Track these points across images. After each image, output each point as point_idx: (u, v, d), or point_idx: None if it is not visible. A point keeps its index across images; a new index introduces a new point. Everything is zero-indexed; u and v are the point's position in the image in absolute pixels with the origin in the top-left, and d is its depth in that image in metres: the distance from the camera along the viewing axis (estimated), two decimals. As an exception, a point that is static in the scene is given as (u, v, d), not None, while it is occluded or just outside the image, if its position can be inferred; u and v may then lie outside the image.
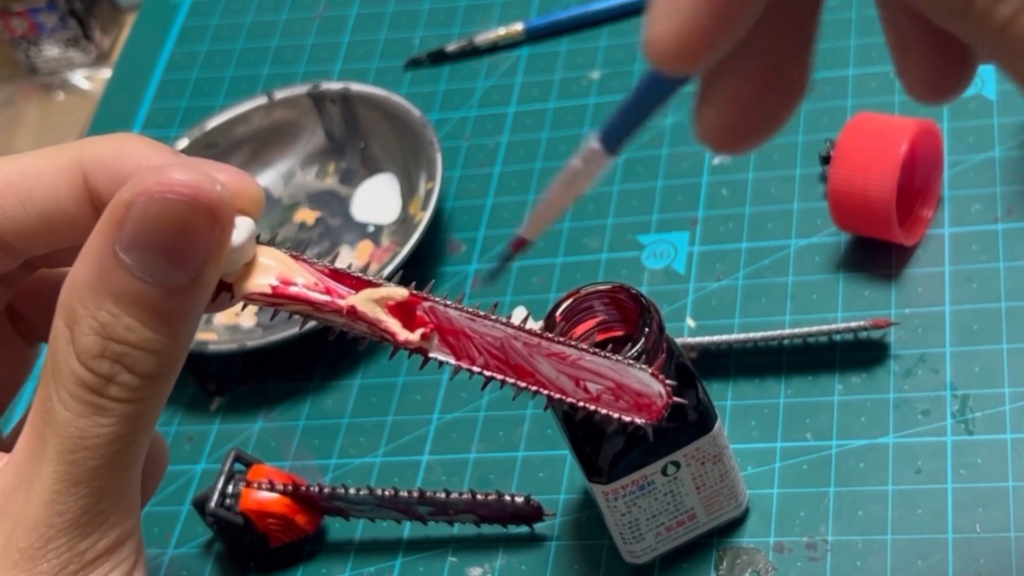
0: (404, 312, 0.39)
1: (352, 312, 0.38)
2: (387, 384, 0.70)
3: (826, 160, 0.68)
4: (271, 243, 0.38)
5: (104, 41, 1.13)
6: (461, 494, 0.61)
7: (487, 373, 0.40)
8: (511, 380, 0.40)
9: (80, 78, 1.16)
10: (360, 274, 0.39)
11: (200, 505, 0.63)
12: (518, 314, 0.66)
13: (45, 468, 0.34)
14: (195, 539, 0.66)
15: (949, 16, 0.28)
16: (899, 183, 0.62)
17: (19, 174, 0.37)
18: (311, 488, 0.62)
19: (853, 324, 0.62)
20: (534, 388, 0.40)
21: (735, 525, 0.59)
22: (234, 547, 0.64)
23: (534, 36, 0.84)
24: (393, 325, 0.39)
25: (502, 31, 0.84)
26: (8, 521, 0.34)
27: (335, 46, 0.88)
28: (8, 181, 0.37)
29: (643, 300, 0.53)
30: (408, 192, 0.77)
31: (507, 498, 0.60)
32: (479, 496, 0.60)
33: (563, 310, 0.54)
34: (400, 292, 0.38)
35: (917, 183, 0.66)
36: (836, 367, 0.63)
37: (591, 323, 0.55)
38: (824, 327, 0.63)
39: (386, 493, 0.61)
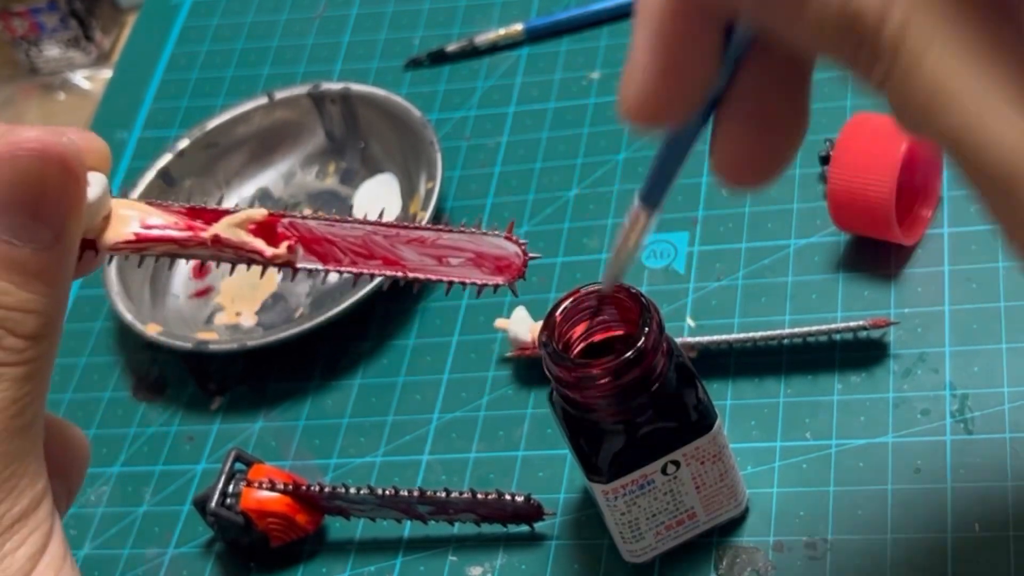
0: (266, 232, 0.40)
1: (217, 241, 0.39)
2: (387, 384, 0.70)
3: (826, 160, 0.68)
4: (124, 197, 0.40)
5: (105, 41, 1.13)
6: (461, 493, 0.61)
7: (355, 270, 0.41)
8: (378, 271, 0.41)
9: (81, 78, 1.16)
10: (216, 207, 0.40)
11: (201, 505, 0.63)
12: (518, 314, 0.66)
13: None
14: (196, 539, 0.66)
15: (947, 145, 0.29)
16: (898, 183, 0.62)
17: None
18: (311, 488, 0.62)
19: (853, 324, 0.62)
20: (400, 274, 0.41)
21: (735, 524, 0.59)
22: (235, 546, 0.64)
23: (534, 36, 0.84)
24: (258, 244, 0.40)
25: (502, 31, 0.84)
26: None
27: (335, 46, 0.88)
28: None
29: (643, 300, 0.53)
30: (408, 192, 0.77)
31: (507, 497, 0.60)
32: (479, 495, 0.60)
33: (563, 310, 0.54)
34: (260, 212, 0.40)
35: (916, 183, 0.67)
36: (836, 367, 0.63)
37: (591, 322, 0.55)
38: (824, 327, 0.63)
39: (386, 492, 0.61)
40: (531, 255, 0.42)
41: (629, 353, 0.52)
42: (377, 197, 0.78)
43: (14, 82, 1.18)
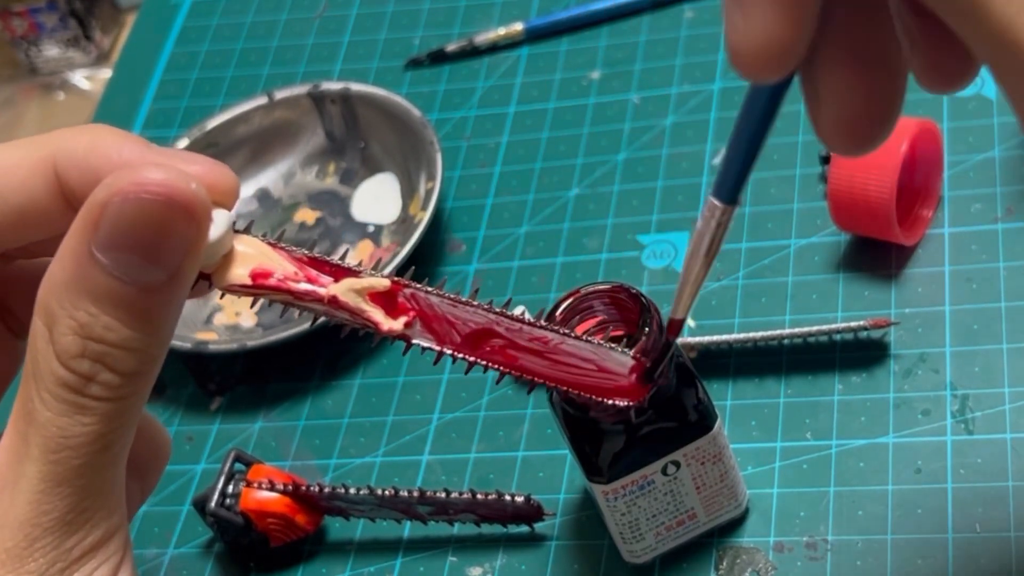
0: (386, 300, 0.39)
1: (333, 302, 0.38)
2: (387, 384, 0.70)
3: (826, 160, 0.68)
4: (247, 231, 0.38)
5: (104, 41, 1.13)
6: (461, 494, 0.61)
7: (471, 358, 0.40)
8: (495, 365, 0.40)
9: (80, 78, 1.16)
10: (339, 262, 0.39)
11: (200, 505, 0.63)
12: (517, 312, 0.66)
13: (29, 468, 0.34)
14: (195, 539, 0.66)
15: (952, 12, 0.28)
16: (899, 183, 0.62)
17: None
18: (311, 488, 0.62)
19: (853, 324, 0.62)
20: (516, 372, 0.40)
21: (735, 525, 0.59)
22: (234, 547, 0.64)
23: (534, 36, 0.84)
24: (376, 314, 0.39)
25: (502, 31, 0.84)
26: None
27: (335, 46, 0.88)
28: None
29: (643, 300, 0.53)
30: (408, 192, 0.77)
31: (507, 498, 0.60)
32: (479, 496, 0.60)
33: (563, 310, 0.54)
34: (381, 282, 0.39)
35: (917, 183, 0.66)
36: (836, 367, 0.63)
37: (591, 323, 0.55)
38: (824, 327, 0.63)
39: (386, 493, 0.61)
40: (658, 380, 0.40)
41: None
42: (377, 197, 0.78)
43: (14, 82, 1.18)
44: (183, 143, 0.79)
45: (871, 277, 0.66)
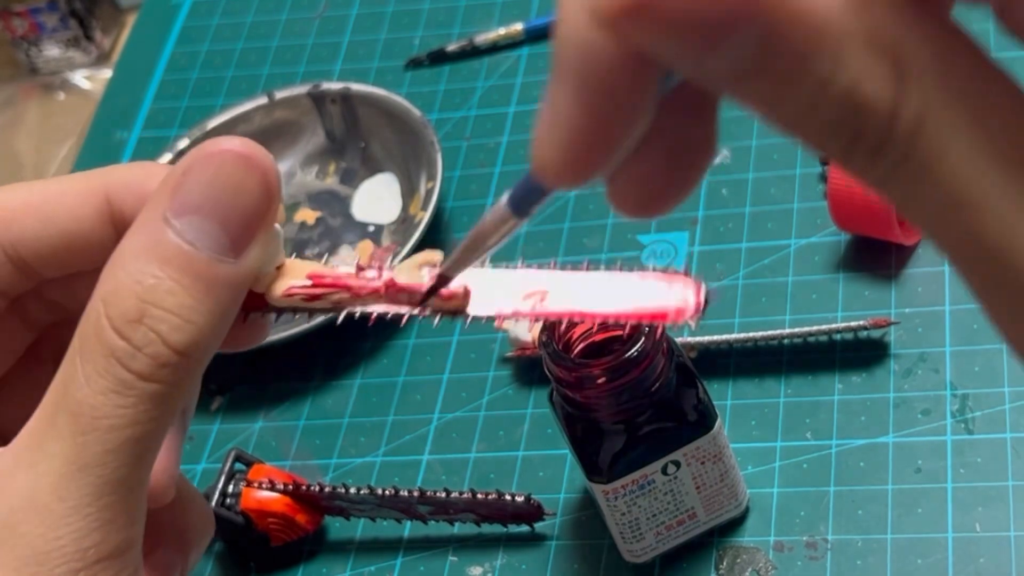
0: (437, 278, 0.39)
1: (392, 286, 0.38)
2: (387, 384, 0.70)
3: (826, 160, 0.68)
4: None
5: (105, 41, 1.13)
6: (461, 493, 0.61)
7: (529, 312, 0.40)
8: (555, 313, 0.40)
9: (81, 78, 1.16)
10: (382, 264, 0.38)
11: (201, 505, 0.63)
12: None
13: (53, 447, 0.33)
14: (196, 539, 0.66)
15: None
16: (899, 183, 0.62)
17: (40, 195, 0.36)
18: (311, 488, 0.62)
19: (853, 324, 0.62)
20: (579, 318, 0.40)
21: (735, 524, 0.59)
22: (235, 546, 0.64)
23: (534, 36, 0.84)
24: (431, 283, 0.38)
25: (502, 31, 0.84)
26: (7, 503, 0.33)
27: (335, 46, 0.88)
28: (29, 202, 0.36)
29: (643, 300, 0.53)
30: (408, 192, 0.77)
31: (507, 497, 0.60)
32: (479, 495, 0.60)
33: (563, 310, 0.54)
34: (436, 255, 0.38)
35: (917, 183, 0.66)
36: (836, 366, 0.63)
37: (591, 323, 0.55)
38: (824, 327, 0.63)
39: (386, 492, 0.61)
40: (706, 291, 0.39)
41: (629, 353, 0.52)
42: (377, 197, 0.78)
43: (14, 82, 1.18)
44: (183, 143, 0.79)
45: (871, 277, 0.66)
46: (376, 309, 0.38)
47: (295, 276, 0.37)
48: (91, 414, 0.33)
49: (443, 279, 0.38)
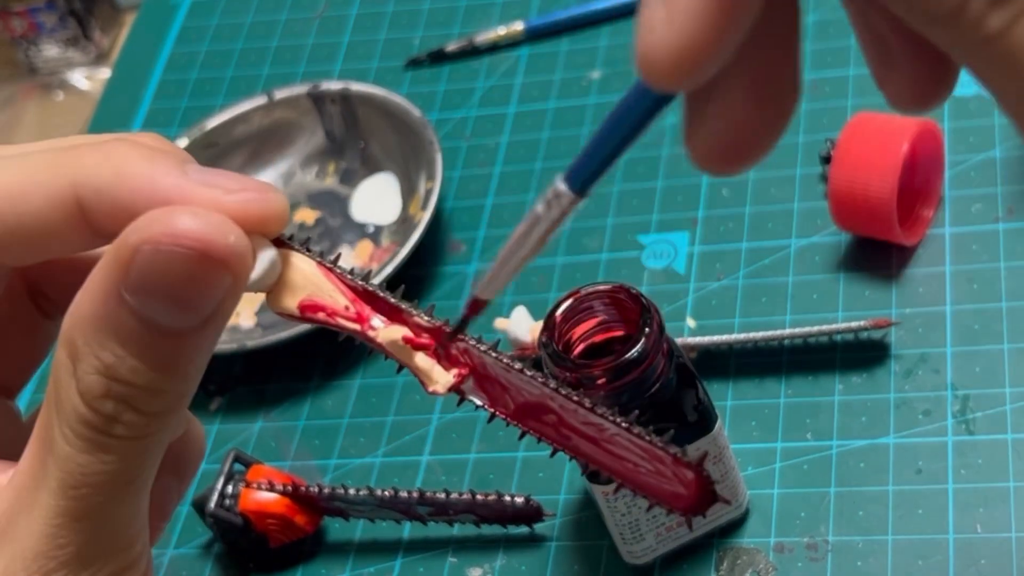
0: (441, 343, 0.38)
1: (379, 346, 0.37)
2: (387, 384, 0.69)
3: (827, 160, 0.68)
4: (306, 246, 0.36)
5: (104, 41, 1.13)
6: (461, 494, 0.60)
7: (522, 427, 0.38)
8: (547, 437, 0.39)
9: (80, 78, 1.16)
10: (395, 300, 0.36)
11: (200, 506, 0.63)
12: (518, 314, 0.66)
13: (47, 499, 0.33)
14: (195, 539, 0.66)
15: (932, 23, 0.26)
16: (900, 183, 0.62)
17: (4, 190, 0.34)
18: (311, 488, 0.62)
19: (854, 324, 0.62)
20: (571, 453, 0.39)
21: (735, 525, 0.59)
22: (234, 547, 0.64)
23: (534, 36, 0.83)
24: (424, 368, 0.38)
25: (502, 31, 0.84)
26: (9, 549, 0.33)
27: (335, 46, 0.88)
28: None
29: (643, 300, 0.53)
30: (408, 192, 0.77)
31: (507, 498, 0.60)
32: (479, 496, 0.60)
33: (563, 310, 0.54)
34: (427, 341, 0.37)
35: (918, 183, 0.66)
36: (836, 367, 0.63)
37: (591, 323, 0.55)
38: (824, 327, 0.62)
39: (386, 493, 0.61)
40: (717, 496, 0.37)
41: (629, 354, 0.52)
42: (377, 197, 0.78)
43: (13, 82, 1.18)
44: (183, 143, 0.79)
45: (872, 277, 0.65)
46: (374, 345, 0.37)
47: (292, 294, 0.35)
48: (78, 471, 0.32)
49: (478, 304, 0.36)
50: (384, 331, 0.37)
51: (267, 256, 0.34)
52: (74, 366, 0.32)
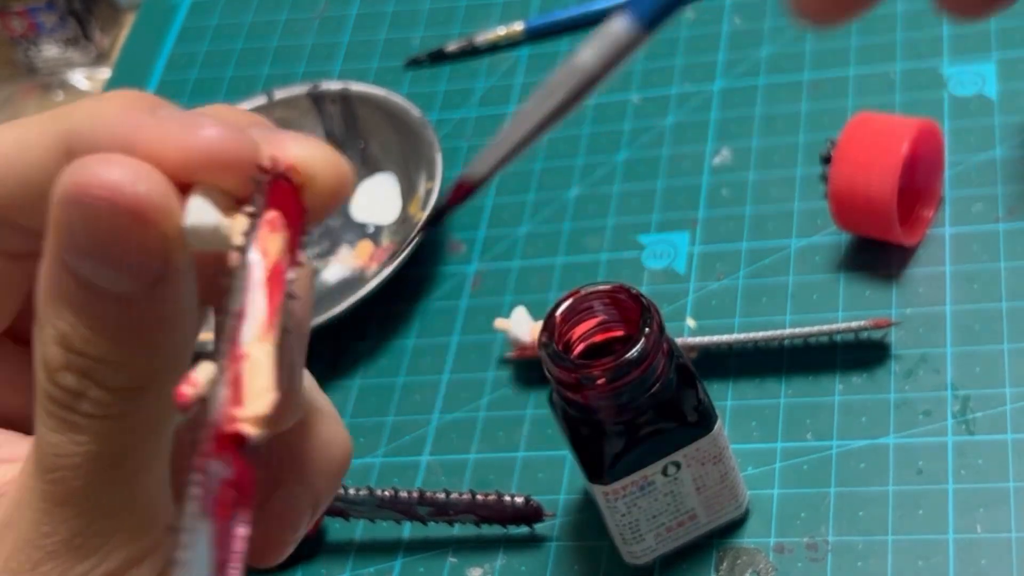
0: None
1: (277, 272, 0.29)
2: (387, 384, 0.69)
3: (827, 160, 0.68)
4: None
5: (103, 41, 1.13)
6: (461, 494, 0.60)
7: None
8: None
9: (79, 78, 1.16)
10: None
11: (199, 506, 0.63)
12: (518, 314, 0.66)
13: (33, 484, 0.30)
14: (194, 540, 0.66)
15: None
16: (900, 183, 0.62)
17: (7, 150, 0.32)
18: (311, 489, 0.62)
19: (854, 324, 0.62)
20: None
21: (735, 526, 0.59)
22: (233, 548, 0.64)
23: (534, 36, 0.83)
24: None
25: (502, 31, 0.83)
26: (11, 536, 0.31)
27: (335, 46, 0.88)
28: None
29: (643, 300, 0.53)
30: (408, 192, 0.77)
31: (507, 499, 0.60)
32: (479, 496, 0.60)
33: (563, 310, 0.54)
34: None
35: (918, 183, 0.66)
36: (837, 367, 0.63)
37: (591, 323, 0.55)
38: (825, 327, 0.62)
39: (386, 493, 0.61)
40: None
41: (629, 354, 0.52)
42: (377, 197, 0.78)
43: (13, 82, 1.18)
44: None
45: (872, 277, 0.65)
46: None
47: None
48: (52, 453, 0.30)
49: (465, 186, 0.29)
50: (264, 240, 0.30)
51: (195, 204, 0.29)
52: (37, 341, 0.30)
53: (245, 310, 0.28)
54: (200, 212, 0.29)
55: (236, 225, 0.29)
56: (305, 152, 0.31)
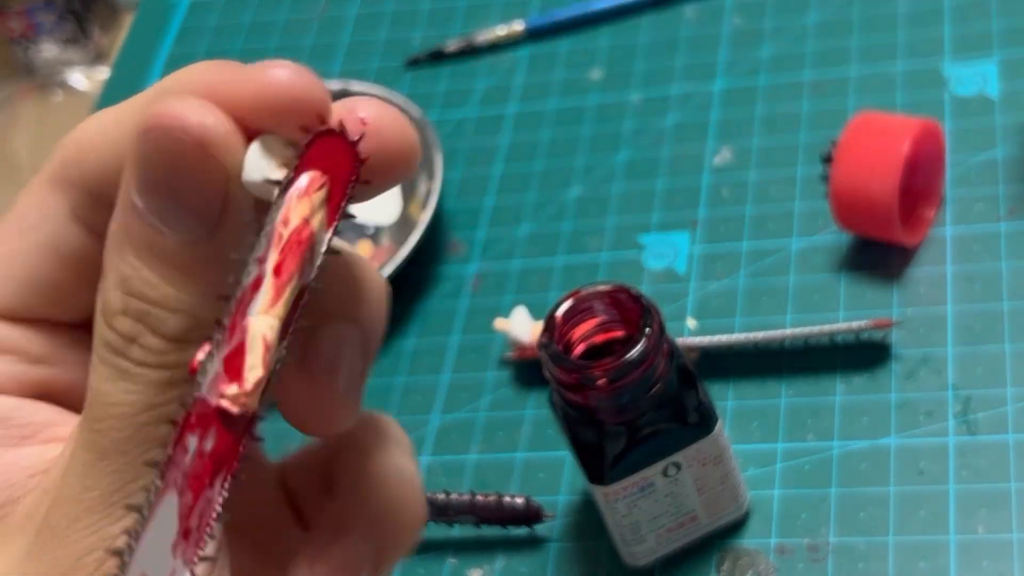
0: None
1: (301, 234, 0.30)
2: (387, 384, 0.69)
3: (828, 160, 0.68)
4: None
5: (102, 40, 1.13)
6: (461, 495, 0.60)
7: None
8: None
9: (78, 78, 1.16)
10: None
11: (199, 506, 0.63)
12: (518, 314, 0.66)
13: (78, 433, 0.31)
14: (194, 540, 0.66)
15: None
16: (901, 183, 0.62)
17: (98, 125, 0.33)
18: (310, 489, 0.62)
19: (855, 324, 0.62)
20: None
21: (736, 527, 0.59)
22: (233, 549, 0.64)
23: (534, 36, 0.83)
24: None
25: (502, 31, 0.83)
26: (55, 493, 0.31)
27: (335, 46, 0.88)
28: (95, 136, 0.33)
29: (644, 301, 0.53)
30: (408, 192, 0.76)
31: (507, 499, 0.60)
32: (479, 497, 0.60)
33: (563, 311, 0.54)
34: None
35: (919, 183, 0.66)
36: (838, 368, 0.63)
37: (591, 324, 0.55)
38: (826, 327, 0.62)
39: (385, 494, 0.61)
40: None
41: (630, 355, 0.51)
42: (377, 197, 0.78)
43: (11, 82, 1.18)
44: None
45: (873, 277, 0.65)
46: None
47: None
48: (102, 401, 0.30)
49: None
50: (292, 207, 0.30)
51: (253, 152, 0.30)
52: (100, 290, 0.30)
53: (261, 278, 0.29)
54: (254, 159, 0.30)
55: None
56: (375, 111, 0.32)
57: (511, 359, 0.67)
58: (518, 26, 0.83)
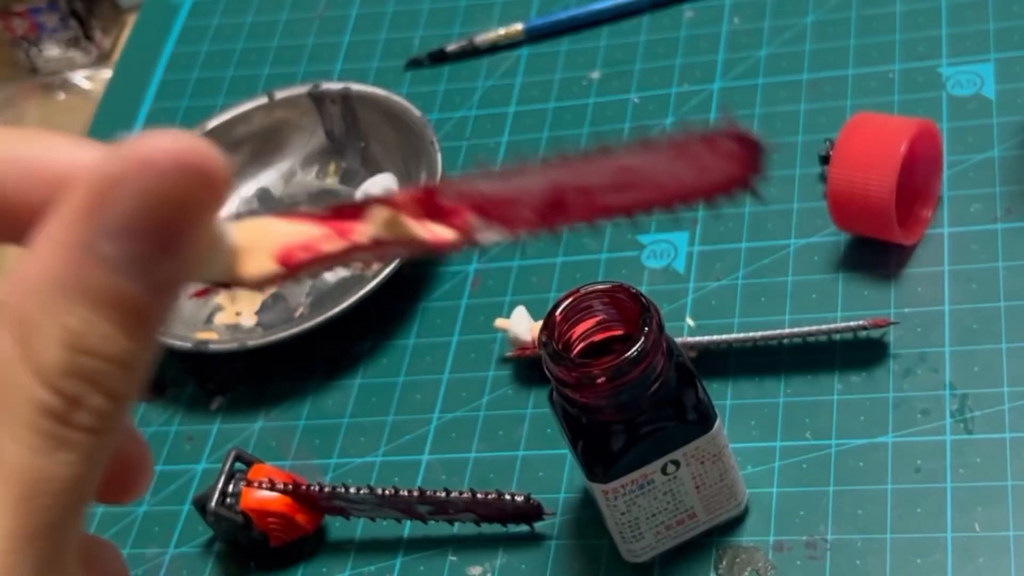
0: (430, 210, 0.32)
1: (378, 244, 0.31)
2: (387, 384, 0.70)
3: (826, 160, 0.68)
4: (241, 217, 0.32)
5: (105, 41, 1.13)
6: (461, 493, 0.61)
7: (553, 226, 0.33)
8: (588, 217, 0.32)
9: (81, 78, 1.16)
10: (358, 200, 0.32)
11: (201, 504, 0.63)
12: (518, 314, 0.66)
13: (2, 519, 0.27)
14: (196, 538, 0.66)
15: None
16: (899, 183, 0.62)
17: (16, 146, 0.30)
18: (311, 487, 0.62)
19: (852, 323, 0.62)
20: (616, 215, 0.33)
21: (735, 524, 0.59)
22: (234, 546, 0.64)
23: (534, 36, 0.84)
24: (425, 235, 0.32)
25: (502, 31, 0.84)
26: None
27: (335, 46, 0.88)
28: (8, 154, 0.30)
29: (643, 300, 0.53)
30: (408, 192, 0.77)
31: (507, 497, 0.60)
32: (479, 495, 0.60)
33: (563, 309, 0.54)
34: (412, 197, 0.32)
35: (916, 183, 0.66)
36: (835, 366, 0.63)
37: (591, 323, 0.55)
38: (824, 327, 0.63)
39: (386, 492, 0.61)
40: (760, 145, 0.32)
41: (629, 353, 0.52)
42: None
43: (14, 82, 1.18)
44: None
45: (871, 277, 0.66)
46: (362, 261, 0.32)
47: (259, 253, 0.30)
48: (34, 478, 0.27)
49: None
50: (371, 224, 0.31)
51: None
52: (26, 347, 0.27)
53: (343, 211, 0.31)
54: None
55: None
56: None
57: (511, 358, 0.68)
58: (518, 26, 0.83)
